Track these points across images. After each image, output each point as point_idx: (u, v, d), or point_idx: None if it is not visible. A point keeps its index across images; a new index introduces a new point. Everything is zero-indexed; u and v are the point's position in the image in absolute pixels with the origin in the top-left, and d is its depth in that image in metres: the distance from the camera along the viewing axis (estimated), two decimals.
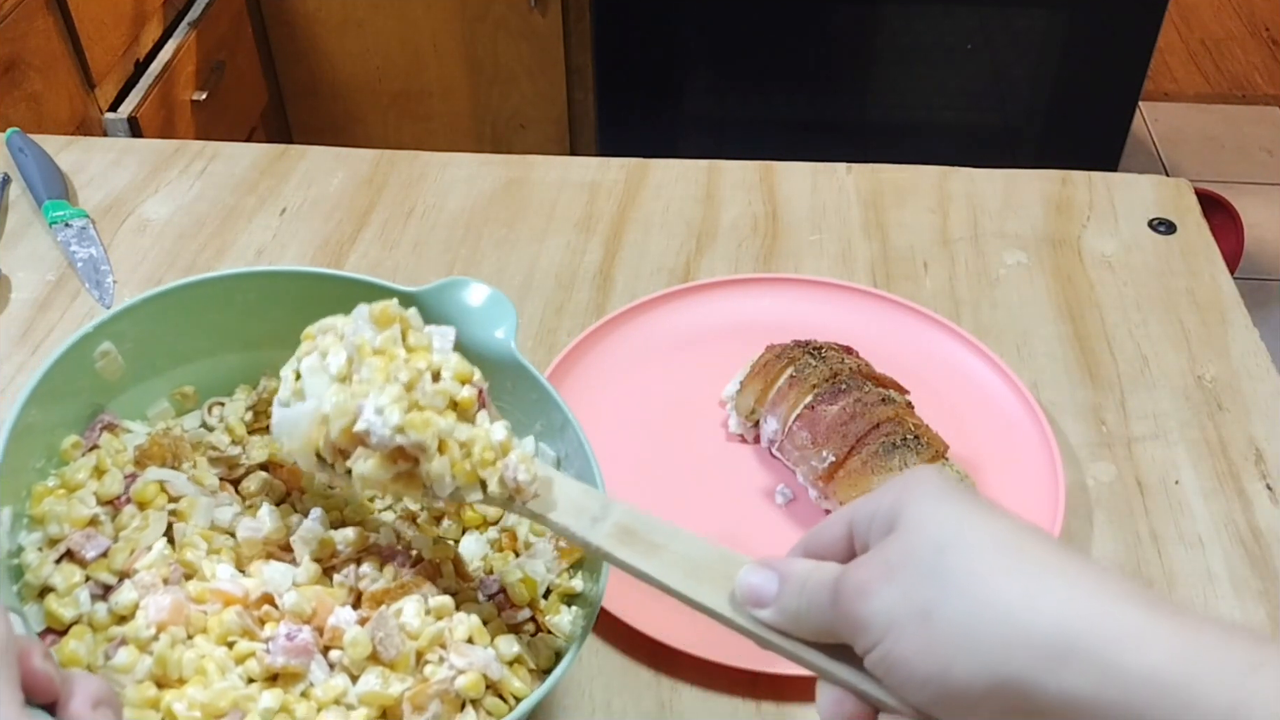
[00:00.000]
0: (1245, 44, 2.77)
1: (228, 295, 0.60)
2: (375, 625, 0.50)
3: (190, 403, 0.62)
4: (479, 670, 0.50)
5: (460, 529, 0.60)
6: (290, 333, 0.59)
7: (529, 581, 0.55)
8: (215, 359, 0.62)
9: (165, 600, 0.50)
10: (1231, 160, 2.43)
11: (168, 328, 0.59)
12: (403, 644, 0.50)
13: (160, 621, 0.50)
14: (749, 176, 0.96)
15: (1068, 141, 1.90)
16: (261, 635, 0.50)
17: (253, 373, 0.63)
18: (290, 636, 0.49)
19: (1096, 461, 0.73)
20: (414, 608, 0.51)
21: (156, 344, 0.59)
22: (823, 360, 0.70)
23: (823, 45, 1.82)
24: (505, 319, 0.60)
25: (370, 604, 0.52)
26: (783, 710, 0.60)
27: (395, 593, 0.52)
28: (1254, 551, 0.67)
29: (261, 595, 0.51)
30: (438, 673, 0.50)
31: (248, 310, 0.61)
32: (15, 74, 1.34)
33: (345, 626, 0.50)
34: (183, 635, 0.50)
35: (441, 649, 0.51)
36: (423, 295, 0.60)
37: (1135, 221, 0.91)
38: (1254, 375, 0.78)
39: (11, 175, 0.94)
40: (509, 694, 0.51)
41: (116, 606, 0.51)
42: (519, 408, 0.60)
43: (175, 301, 0.59)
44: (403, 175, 0.96)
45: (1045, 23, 1.79)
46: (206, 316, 0.60)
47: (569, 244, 0.89)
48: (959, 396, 0.75)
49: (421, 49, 1.92)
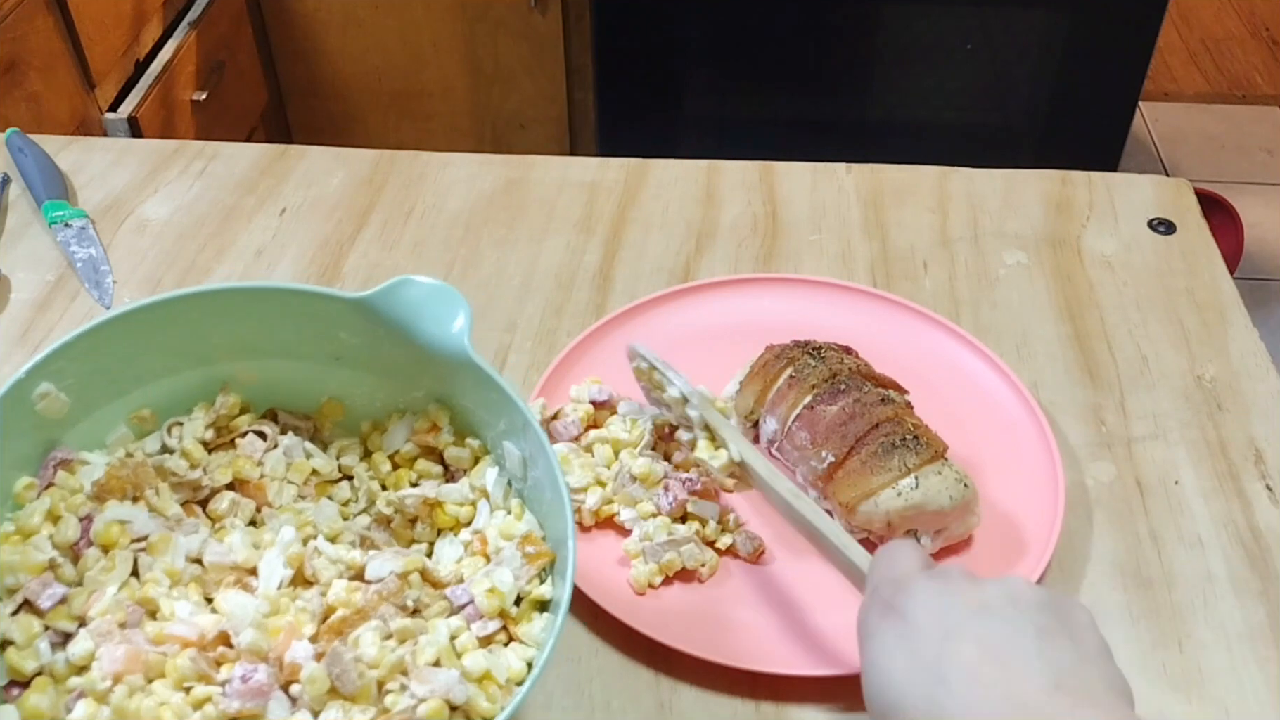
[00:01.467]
0: (1245, 44, 2.77)
1: (171, 317, 0.59)
2: (330, 662, 0.49)
3: (149, 425, 0.61)
4: (441, 697, 0.49)
5: (435, 531, 0.59)
6: (242, 344, 0.59)
7: (496, 592, 0.54)
8: (172, 378, 0.61)
9: (119, 651, 0.49)
10: (1231, 160, 2.43)
11: (112, 357, 0.58)
12: (360, 677, 0.49)
13: (115, 673, 0.49)
14: (749, 176, 0.96)
15: (1068, 141, 1.90)
16: (217, 678, 0.49)
17: (210, 388, 0.62)
18: (245, 678, 0.49)
19: (1096, 461, 0.73)
20: (372, 636, 0.51)
21: (102, 374, 0.58)
22: (822, 360, 0.70)
23: (823, 45, 1.82)
24: (457, 314, 0.58)
25: (328, 635, 0.51)
26: (782, 710, 0.60)
27: (354, 620, 0.51)
28: (1254, 551, 0.67)
29: (218, 635, 0.50)
30: (399, 702, 0.49)
31: (195, 328, 0.59)
32: (15, 74, 1.34)
33: (303, 662, 0.49)
34: (140, 683, 0.49)
35: (403, 676, 0.50)
36: (371, 299, 0.58)
37: (1135, 221, 0.91)
38: (1254, 375, 0.78)
39: (11, 175, 0.94)
40: (476, 715, 0.50)
41: (73, 657, 0.50)
42: (481, 406, 0.59)
43: (115, 332, 0.57)
44: (403, 175, 0.96)
45: (1045, 23, 1.79)
46: (153, 339, 0.59)
47: (569, 244, 0.89)
48: (959, 396, 0.75)
49: (421, 49, 1.92)
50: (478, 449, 0.61)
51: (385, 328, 0.59)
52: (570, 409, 0.72)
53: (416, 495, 0.59)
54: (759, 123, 1.93)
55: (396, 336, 0.59)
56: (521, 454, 0.58)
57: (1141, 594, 0.65)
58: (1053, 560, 0.66)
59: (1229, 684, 0.61)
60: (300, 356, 0.62)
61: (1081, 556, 0.67)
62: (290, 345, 0.61)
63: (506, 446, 0.59)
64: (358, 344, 0.61)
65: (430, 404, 0.62)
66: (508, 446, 0.59)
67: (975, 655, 0.42)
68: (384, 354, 0.60)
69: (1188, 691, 0.60)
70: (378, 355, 0.61)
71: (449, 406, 0.62)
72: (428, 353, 0.58)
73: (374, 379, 0.62)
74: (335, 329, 0.60)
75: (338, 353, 0.62)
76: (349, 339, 0.61)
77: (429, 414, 0.62)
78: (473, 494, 0.60)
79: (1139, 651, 0.62)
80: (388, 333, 0.59)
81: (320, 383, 0.63)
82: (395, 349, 0.60)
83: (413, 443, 0.62)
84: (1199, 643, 0.62)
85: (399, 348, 0.59)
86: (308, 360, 0.62)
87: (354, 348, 0.61)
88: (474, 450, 0.61)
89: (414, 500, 0.59)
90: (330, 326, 0.60)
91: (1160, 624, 0.63)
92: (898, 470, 0.64)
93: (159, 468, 0.58)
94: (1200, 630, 0.63)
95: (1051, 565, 0.66)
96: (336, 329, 0.60)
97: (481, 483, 0.60)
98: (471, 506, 0.60)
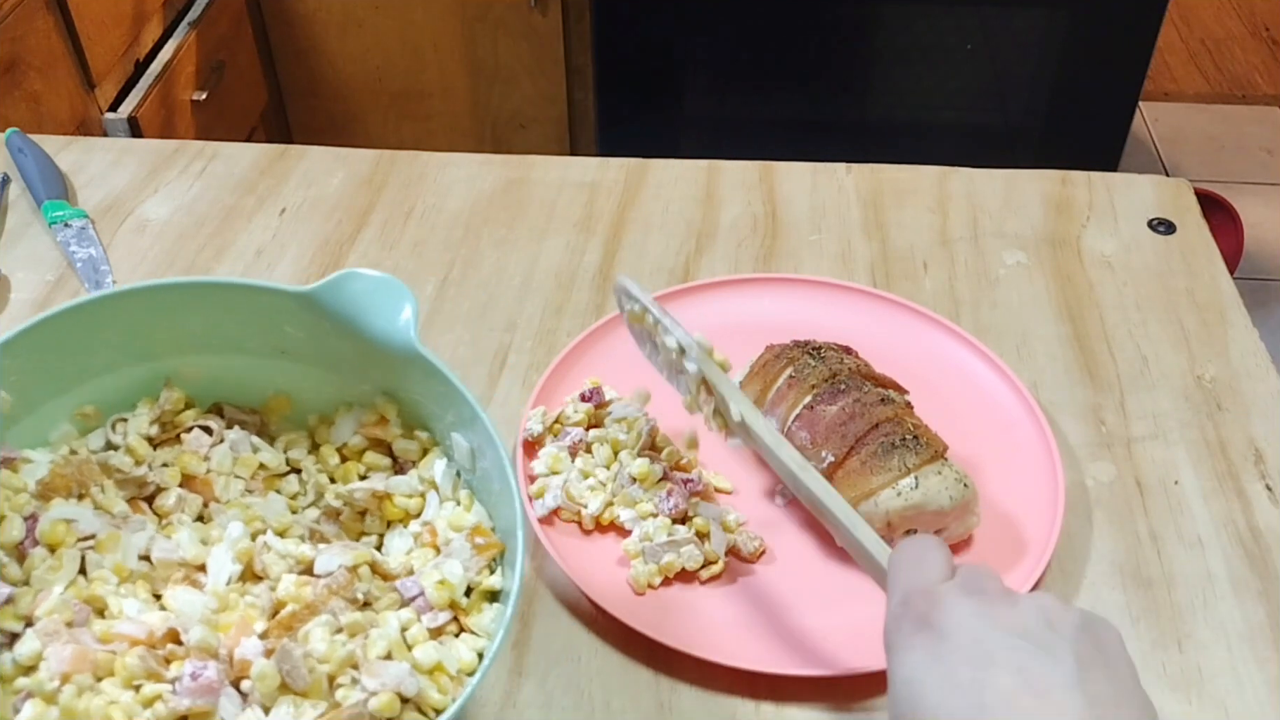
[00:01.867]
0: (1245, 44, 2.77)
1: (114, 312, 0.58)
2: (280, 658, 0.49)
3: (94, 421, 0.60)
4: (392, 690, 0.49)
5: (384, 523, 0.59)
6: (187, 340, 0.59)
7: (446, 584, 0.54)
8: (116, 374, 0.60)
9: (66, 651, 0.49)
10: (1231, 160, 2.43)
11: (55, 353, 0.57)
12: (311, 672, 0.49)
13: (63, 673, 0.49)
14: (749, 176, 0.96)
15: (1068, 141, 1.90)
16: (167, 675, 0.49)
17: (155, 384, 0.61)
18: (195, 675, 0.48)
19: (1096, 461, 0.73)
20: (322, 631, 0.50)
21: (45, 371, 0.57)
22: (822, 360, 0.70)
23: (823, 45, 1.82)
24: (404, 306, 0.57)
25: (278, 630, 0.51)
26: (782, 710, 0.60)
27: (303, 614, 0.51)
28: (1254, 551, 0.67)
29: (167, 632, 0.50)
30: (350, 696, 0.49)
31: (139, 323, 0.59)
32: (15, 74, 1.34)
33: (253, 659, 0.49)
34: (89, 682, 0.49)
35: (354, 670, 0.50)
36: (316, 292, 0.58)
37: (1135, 221, 0.91)
38: (1254, 375, 0.78)
39: (11, 175, 0.94)
40: (428, 708, 0.50)
41: (20, 658, 0.50)
42: (429, 399, 0.59)
43: (57, 328, 0.57)
44: (403, 175, 0.96)
45: (1045, 23, 1.79)
46: (96, 335, 0.58)
47: (569, 244, 0.89)
48: (959, 396, 0.75)
49: (421, 49, 1.92)
50: (426, 441, 0.61)
51: (331, 321, 0.58)
52: (571, 410, 0.72)
53: (365, 488, 0.59)
54: (759, 123, 1.93)
55: (343, 330, 0.58)
56: (470, 445, 0.58)
57: (1141, 594, 0.65)
58: (1052, 560, 0.66)
59: (1229, 684, 0.61)
60: (246, 351, 0.61)
61: (1081, 556, 0.67)
62: (236, 340, 0.61)
63: (455, 438, 0.59)
64: (304, 338, 0.60)
65: (378, 397, 0.62)
66: (456, 438, 0.59)
67: (1014, 685, 0.42)
68: (331, 347, 0.60)
69: (1188, 691, 0.60)
70: (324, 349, 0.60)
71: (397, 399, 0.62)
72: (374, 345, 0.58)
73: (321, 372, 0.62)
74: (281, 323, 0.60)
75: (284, 347, 0.61)
76: (295, 333, 0.60)
77: (377, 407, 0.62)
78: (421, 486, 0.60)
79: (1139, 651, 0.62)
80: (334, 326, 0.58)
81: (267, 377, 0.62)
82: (342, 342, 0.59)
83: (361, 435, 0.62)
84: (1199, 643, 0.62)
85: (345, 341, 0.59)
86: (254, 355, 0.61)
87: (300, 341, 0.61)
88: (422, 442, 0.61)
89: (363, 493, 0.59)
90: (275, 320, 0.60)
91: (1160, 624, 0.63)
92: (897, 470, 0.64)
93: (104, 465, 0.57)
94: (1200, 630, 0.63)
95: (1051, 565, 0.66)
96: (282, 323, 0.60)
97: (430, 474, 0.59)
98: (420, 498, 0.59)
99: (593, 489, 0.68)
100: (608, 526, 0.67)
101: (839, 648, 0.61)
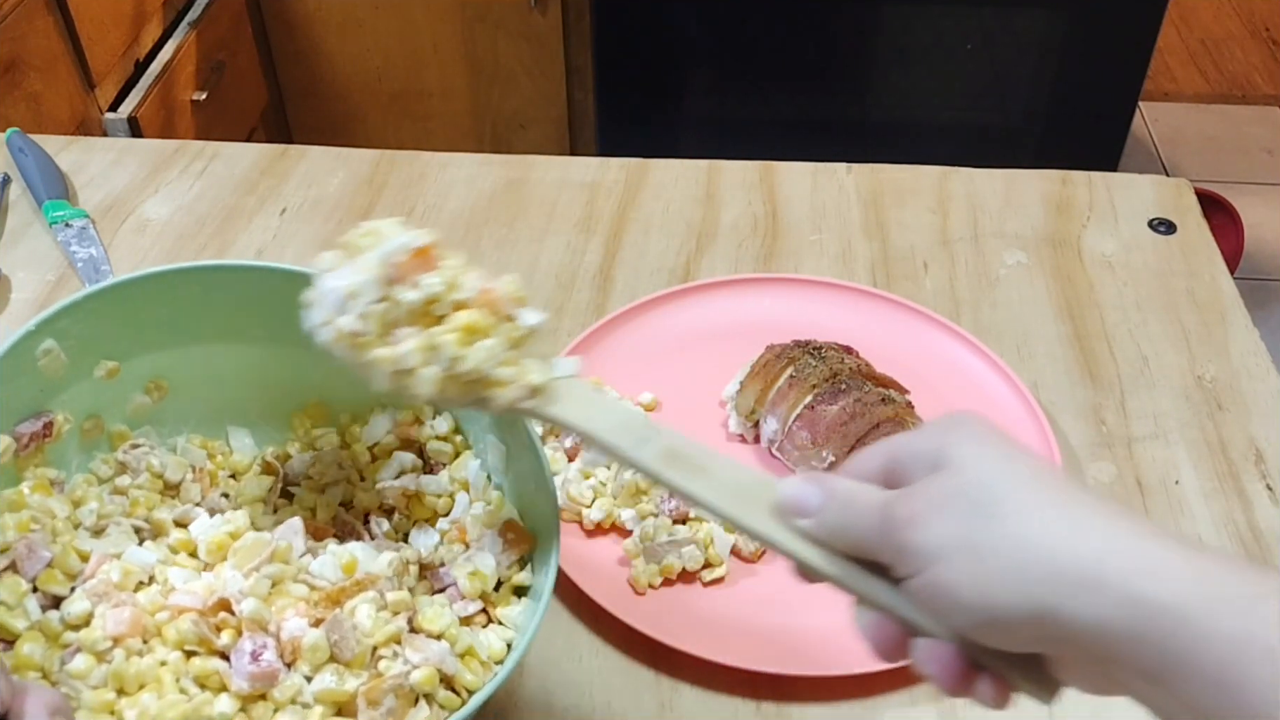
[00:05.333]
0: (1245, 44, 2.77)
1: (165, 291, 0.59)
2: (330, 628, 0.50)
3: (163, 393, 0.61)
4: (434, 665, 0.50)
5: (410, 523, 0.60)
6: (232, 326, 0.59)
7: (479, 575, 0.55)
8: (164, 352, 0.61)
9: (125, 614, 0.50)
10: (1231, 160, 2.43)
11: (112, 322, 0.58)
12: (358, 643, 0.50)
13: (118, 634, 0.49)
14: (749, 176, 0.96)
15: (1068, 141, 1.90)
16: (218, 644, 0.50)
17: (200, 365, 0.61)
18: (255, 656, 0.49)
19: (1096, 461, 0.73)
20: (368, 608, 0.51)
21: (103, 339, 0.58)
22: (823, 360, 0.70)
23: (823, 45, 1.82)
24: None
25: (326, 604, 0.52)
26: (783, 710, 0.60)
27: (351, 590, 0.52)
28: (1254, 551, 0.67)
29: (218, 601, 0.51)
30: (392, 668, 0.50)
31: (184, 305, 0.60)
32: (15, 74, 1.34)
33: (302, 634, 0.50)
34: (139, 646, 0.50)
35: (396, 645, 0.51)
36: None
37: (1135, 221, 0.91)
38: (1254, 375, 0.78)
39: (11, 175, 0.94)
40: (461, 687, 0.51)
41: (69, 617, 0.50)
42: None
43: (118, 297, 0.58)
44: (403, 175, 0.96)
45: (1045, 23, 1.79)
46: (151, 311, 0.59)
47: (569, 244, 0.89)
48: (959, 396, 0.75)
49: (421, 49, 1.92)
50: (459, 443, 0.62)
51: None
52: None
53: (396, 487, 0.59)
54: (759, 123, 1.93)
55: None
56: (505, 447, 0.58)
57: None
58: None
59: None
60: (290, 342, 0.61)
61: None
62: (282, 329, 0.60)
63: (489, 440, 0.59)
64: None
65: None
66: (490, 440, 0.59)
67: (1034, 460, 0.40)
68: None
69: None
70: None
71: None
72: None
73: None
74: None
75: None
76: None
77: (414, 408, 0.62)
78: (452, 486, 0.60)
79: None
80: None
81: (306, 370, 0.62)
82: None
83: (394, 435, 0.62)
84: None
85: None
86: (297, 346, 0.61)
87: None
88: (455, 445, 0.62)
89: (393, 492, 0.59)
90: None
91: None
92: None
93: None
94: None
95: None
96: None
97: (463, 475, 0.60)
98: (450, 499, 0.60)
99: (594, 489, 0.68)
100: (609, 527, 0.67)
101: (839, 648, 0.61)
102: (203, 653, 0.50)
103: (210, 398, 0.63)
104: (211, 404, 0.63)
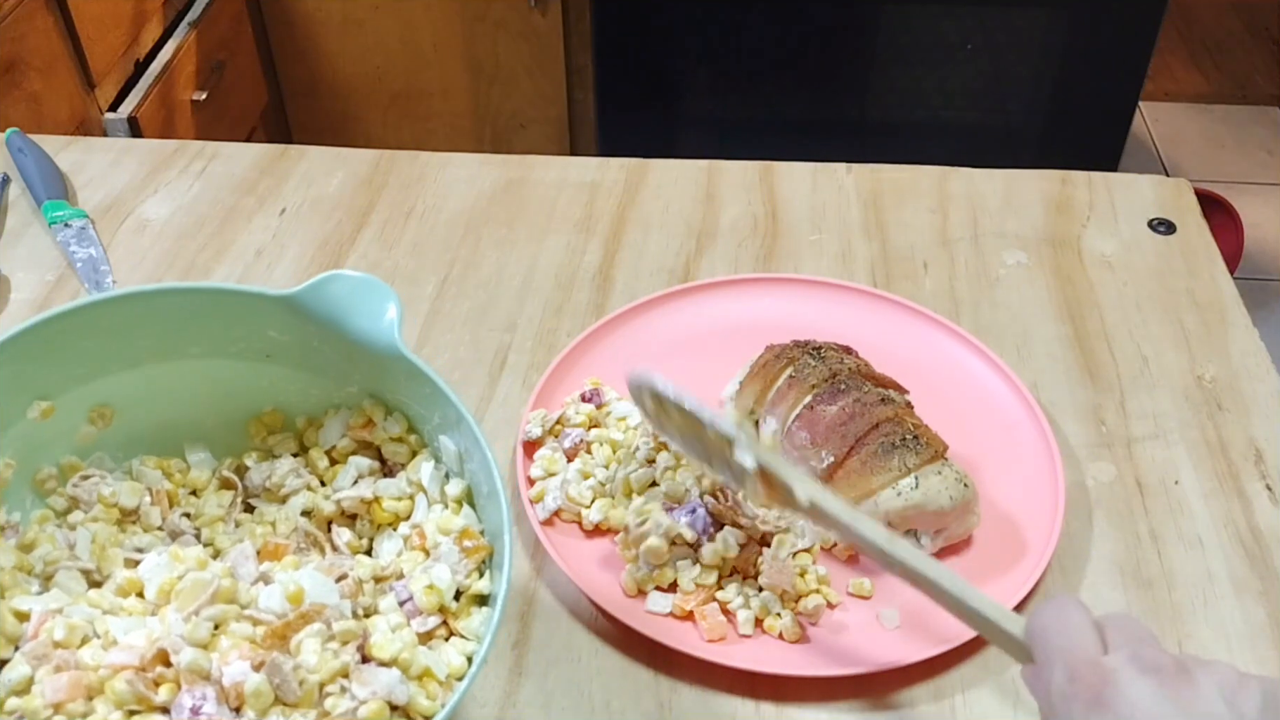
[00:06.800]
0: (1245, 44, 2.77)
1: (93, 321, 0.58)
2: (270, 671, 0.48)
3: (105, 422, 0.60)
4: (382, 698, 0.49)
5: (375, 526, 0.59)
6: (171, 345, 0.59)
7: (434, 589, 0.53)
8: (100, 381, 0.60)
9: (62, 680, 0.49)
10: (1231, 160, 2.43)
11: (34, 364, 0.57)
12: (301, 684, 0.49)
13: (57, 701, 0.48)
14: (749, 176, 0.96)
15: (1068, 141, 1.90)
16: (156, 700, 0.48)
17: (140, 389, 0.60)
18: (195, 710, 0.48)
19: (1096, 461, 0.73)
20: (314, 643, 0.50)
21: (24, 380, 0.57)
22: (822, 360, 0.70)
23: (822, 45, 1.82)
24: (387, 306, 0.57)
25: (272, 640, 0.50)
26: (782, 710, 0.60)
27: (296, 624, 0.51)
28: (1254, 552, 0.67)
29: (156, 654, 0.49)
30: (339, 705, 0.49)
31: (119, 332, 0.59)
32: (15, 74, 1.34)
33: (244, 678, 0.48)
34: (81, 709, 0.49)
35: (344, 678, 0.50)
36: (298, 295, 0.57)
37: (1135, 221, 0.91)
38: (1254, 375, 0.78)
39: (11, 175, 0.94)
40: (417, 714, 0.50)
41: (10, 683, 0.49)
42: (415, 401, 0.59)
43: (37, 338, 0.56)
44: (403, 175, 0.96)
45: (1045, 23, 1.79)
46: (77, 343, 0.58)
47: (569, 244, 0.89)
48: (959, 396, 0.75)
49: (421, 49, 1.92)
50: (414, 444, 0.61)
51: (315, 324, 0.58)
52: (572, 413, 0.72)
53: (354, 495, 0.59)
54: (759, 123, 1.93)
55: (327, 332, 0.58)
56: (457, 448, 0.58)
57: (1141, 594, 0.65)
58: (1053, 560, 0.66)
59: None
60: (231, 356, 0.61)
61: (1082, 556, 0.67)
62: (221, 345, 0.60)
63: (442, 441, 0.59)
64: (289, 341, 0.60)
65: (365, 399, 0.62)
66: (443, 441, 0.58)
67: None
68: (316, 350, 0.60)
69: None
70: (310, 352, 0.60)
71: (384, 401, 0.61)
72: (359, 347, 0.57)
73: (307, 376, 0.62)
74: (264, 327, 0.60)
75: (269, 351, 0.61)
76: (279, 337, 0.60)
77: (364, 409, 0.62)
78: (410, 488, 0.60)
79: None
80: (318, 329, 0.58)
81: (254, 381, 0.62)
82: (326, 345, 0.59)
83: (349, 438, 0.62)
84: (1199, 643, 0.62)
85: (330, 344, 0.59)
86: (239, 359, 0.61)
87: (285, 345, 0.60)
88: (411, 445, 0.61)
89: (351, 500, 0.59)
90: (259, 325, 0.59)
91: (1160, 624, 0.63)
92: (898, 470, 0.64)
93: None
94: (1200, 630, 0.63)
95: (1052, 565, 0.66)
96: (265, 327, 0.59)
97: (418, 477, 0.59)
98: (410, 500, 0.60)
99: (593, 490, 0.68)
100: (607, 528, 0.67)
101: (839, 647, 0.61)
102: (143, 710, 0.48)
103: (160, 417, 0.62)
104: (163, 423, 0.62)
